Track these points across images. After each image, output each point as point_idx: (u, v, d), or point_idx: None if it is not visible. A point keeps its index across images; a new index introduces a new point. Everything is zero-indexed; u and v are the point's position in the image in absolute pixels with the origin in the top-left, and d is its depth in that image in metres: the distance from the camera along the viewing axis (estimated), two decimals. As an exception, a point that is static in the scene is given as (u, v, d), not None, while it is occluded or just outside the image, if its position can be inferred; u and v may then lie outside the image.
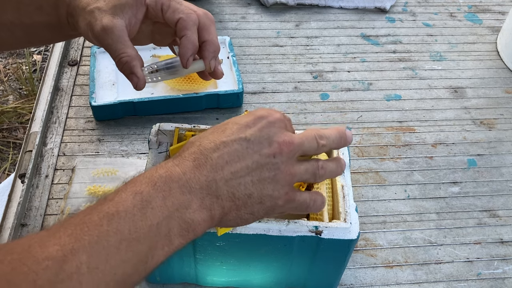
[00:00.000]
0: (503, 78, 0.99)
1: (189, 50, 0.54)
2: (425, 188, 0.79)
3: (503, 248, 0.72)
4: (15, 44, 0.63)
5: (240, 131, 0.44)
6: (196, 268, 0.61)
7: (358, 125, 0.88)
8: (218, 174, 0.43)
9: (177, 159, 0.43)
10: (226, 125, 0.45)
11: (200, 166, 0.43)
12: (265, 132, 0.45)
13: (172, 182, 0.41)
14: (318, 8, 1.12)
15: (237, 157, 0.43)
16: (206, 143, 0.44)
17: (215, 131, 0.45)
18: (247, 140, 0.44)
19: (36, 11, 0.56)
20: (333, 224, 0.55)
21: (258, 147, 0.44)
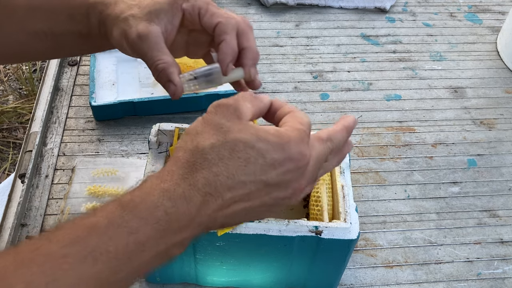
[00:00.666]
0: (503, 78, 0.99)
1: (228, 56, 0.50)
2: (425, 188, 0.79)
3: (503, 248, 0.72)
4: (45, 54, 0.61)
5: (263, 171, 0.39)
6: (196, 268, 0.61)
7: (358, 125, 0.88)
8: (222, 212, 0.39)
9: (188, 187, 0.38)
10: (250, 152, 0.39)
11: (209, 203, 0.38)
12: (288, 177, 0.40)
13: (174, 222, 0.37)
14: (318, 8, 1.12)
15: (247, 198, 0.40)
16: (224, 176, 0.38)
17: (236, 155, 0.39)
18: (266, 183, 0.40)
19: (67, 20, 0.54)
20: (333, 224, 0.55)
21: (273, 190, 0.40)
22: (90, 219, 0.36)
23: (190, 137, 0.41)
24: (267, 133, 0.40)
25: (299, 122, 0.42)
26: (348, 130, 0.47)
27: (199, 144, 0.40)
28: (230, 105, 0.41)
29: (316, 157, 0.42)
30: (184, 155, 0.40)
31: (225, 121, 0.40)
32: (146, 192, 0.38)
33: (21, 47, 0.57)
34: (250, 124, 0.41)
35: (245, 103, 0.42)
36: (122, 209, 0.37)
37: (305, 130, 0.41)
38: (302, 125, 0.42)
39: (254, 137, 0.39)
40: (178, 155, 0.40)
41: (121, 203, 0.37)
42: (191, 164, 0.39)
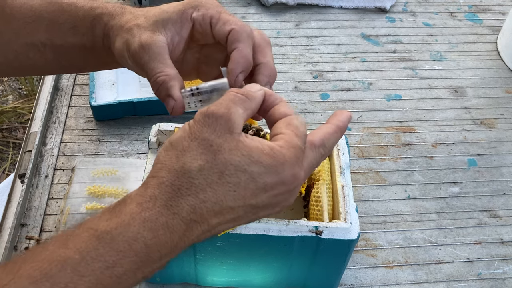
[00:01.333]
0: (503, 78, 0.99)
1: (239, 65, 0.45)
2: (425, 188, 0.79)
3: (504, 248, 0.72)
4: (47, 68, 0.57)
5: (253, 196, 0.37)
6: (196, 268, 0.61)
7: (358, 125, 0.88)
8: (206, 235, 0.38)
9: (171, 216, 0.36)
10: (241, 176, 0.36)
11: (193, 230, 0.36)
12: (278, 199, 0.38)
13: (154, 253, 0.35)
14: (318, 8, 1.12)
15: (234, 220, 0.38)
16: (211, 203, 0.36)
17: (225, 180, 0.36)
18: (255, 206, 0.37)
19: (69, 31, 0.50)
20: (333, 224, 0.55)
21: (261, 210, 0.38)
22: (62, 251, 0.34)
23: (175, 153, 0.37)
24: (261, 154, 0.37)
25: (295, 135, 0.39)
26: (342, 130, 0.43)
27: (186, 165, 0.36)
28: (221, 116, 0.37)
29: (308, 167, 0.40)
30: (168, 176, 0.36)
31: (215, 137, 0.37)
32: (126, 222, 0.35)
33: (18, 58, 0.53)
34: (243, 141, 0.37)
35: (237, 109, 0.38)
36: (98, 241, 0.34)
37: (301, 145, 0.39)
38: (298, 139, 0.39)
39: (246, 159, 0.36)
40: (161, 176, 0.36)
41: (97, 234, 0.35)
42: (176, 188, 0.36)
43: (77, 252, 0.34)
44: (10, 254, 0.66)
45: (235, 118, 0.38)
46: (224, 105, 0.38)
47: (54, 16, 0.51)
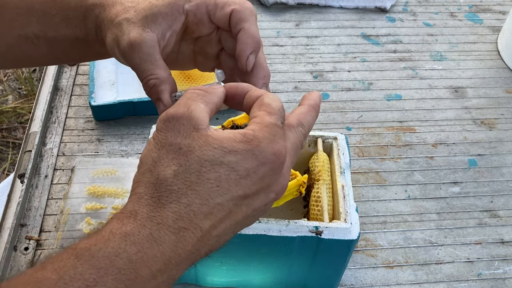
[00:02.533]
0: (503, 78, 0.99)
1: (248, 46, 0.43)
2: (426, 188, 0.79)
3: (504, 248, 0.72)
4: (41, 59, 0.55)
5: (238, 186, 0.35)
6: (196, 268, 0.61)
7: (358, 125, 0.88)
8: (204, 242, 0.35)
9: (156, 226, 0.33)
10: (219, 170, 0.34)
11: (185, 238, 0.34)
12: (266, 182, 0.36)
13: (143, 269, 0.33)
14: (318, 8, 1.11)
15: (228, 217, 0.36)
16: (197, 205, 0.34)
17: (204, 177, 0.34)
18: (245, 196, 0.36)
19: (62, 23, 0.49)
20: (333, 225, 0.54)
21: (254, 200, 0.36)
22: (40, 272, 0.32)
23: (147, 168, 0.35)
24: (233, 142, 0.35)
25: (267, 113, 0.37)
26: (316, 108, 0.43)
27: (160, 175, 0.34)
28: (181, 116, 0.36)
29: (292, 148, 0.38)
30: (146, 190, 0.35)
31: (182, 138, 0.35)
32: (105, 238, 0.33)
33: (12, 50, 0.51)
34: (212, 135, 0.35)
35: (198, 105, 0.37)
36: (77, 259, 0.32)
37: (276, 122, 0.37)
38: (271, 116, 0.37)
39: (219, 151, 0.34)
40: (139, 192, 0.35)
41: (76, 252, 0.32)
42: (156, 200, 0.34)
43: (54, 272, 0.31)
44: (10, 254, 0.66)
45: (197, 114, 0.36)
46: (182, 105, 0.37)
47: (46, 8, 0.49)
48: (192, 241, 0.34)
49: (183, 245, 0.34)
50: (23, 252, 0.67)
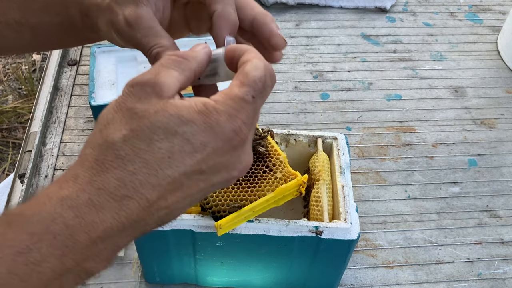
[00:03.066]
0: (503, 78, 0.99)
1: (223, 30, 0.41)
2: (426, 188, 0.79)
3: (504, 248, 0.72)
4: (25, 46, 0.53)
5: (194, 160, 0.32)
6: (196, 269, 0.61)
7: (359, 125, 0.88)
8: (152, 212, 0.33)
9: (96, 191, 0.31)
10: (173, 140, 0.32)
11: (130, 207, 0.32)
12: (225, 159, 0.34)
13: (81, 234, 0.30)
14: (318, 8, 1.11)
15: (181, 190, 0.33)
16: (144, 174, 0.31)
17: (156, 146, 0.32)
18: (200, 171, 0.33)
19: (43, 10, 0.46)
20: (333, 225, 0.54)
21: (211, 176, 0.34)
22: None
23: (99, 128, 0.33)
24: (192, 112, 0.32)
25: (239, 84, 0.34)
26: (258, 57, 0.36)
27: (109, 137, 0.32)
28: (146, 82, 0.33)
29: (248, 122, 0.34)
30: (91, 152, 0.32)
31: (139, 104, 0.32)
32: (41, 202, 0.31)
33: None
34: (171, 102, 0.33)
35: (169, 72, 0.34)
36: (8, 225, 0.30)
37: (243, 96, 0.33)
38: (242, 88, 0.34)
39: (175, 119, 0.32)
40: (85, 153, 0.33)
41: (8, 218, 0.31)
42: (100, 163, 0.32)
43: None
44: (9, 254, 0.66)
45: (165, 81, 0.33)
46: (152, 71, 0.34)
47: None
48: (137, 211, 0.32)
49: (126, 214, 0.31)
50: None
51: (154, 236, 0.55)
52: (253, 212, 0.52)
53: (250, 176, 0.54)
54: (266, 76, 0.35)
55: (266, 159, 0.55)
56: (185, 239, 0.55)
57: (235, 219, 0.51)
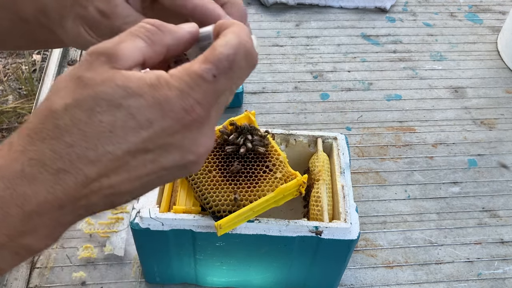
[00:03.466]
0: (503, 78, 0.99)
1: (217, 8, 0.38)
2: (426, 188, 0.79)
3: (504, 248, 0.72)
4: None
5: (138, 137, 0.29)
6: (196, 269, 0.61)
7: (358, 125, 0.88)
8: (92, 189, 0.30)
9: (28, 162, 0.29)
10: (116, 113, 0.29)
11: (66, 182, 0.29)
12: (176, 139, 0.30)
13: (12, 208, 0.29)
14: (318, 8, 1.12)
15: (125, 170, 0.30)
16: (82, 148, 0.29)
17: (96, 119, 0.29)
18: (146, 150, 0.30)
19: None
20: (333, 224, 0.55)
21: (160, 156, 0.31)
22: None
23: (48, 96, 0.31)
24: (142, 84, 0.29)
25: (203, 59, 0.30)
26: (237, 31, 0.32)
27: (52, 105, 0.29)
28: (103, 51, 0.30)
29: (204, 102, 0.30)
30: (33, 120, 0.30)
31: (89, 72, 0.30)
32: None
33: None
34: (122, 72, 0.30)
35: (135, 41, 0.31)
36: None
37: (203, 73, 0.30)
38: (204, 64, 0.30)
39: (121, 91, 0.29)
40: (28, 120, 0.30)
41: None
42: (37, 131, 0.29)
43: None
44: (10, 254, 0.66)
45: (124, 50, 0.30)
46: (116, 38, 0.31)
47: None
48: (74, 186, 0.29)
49: (62, 188, 0.29)
50: None
51: (154, 236, 0.55)
52: (253, 212, 0.52)
53: (250, 176, 0.54)
54: (238, 55, 0.31)
55: (266, 159, 0.55)
56: (185, 239, 0.55)
57: (235, 219, 0.51)
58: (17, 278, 0.64)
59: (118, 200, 0.32)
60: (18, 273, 0.65)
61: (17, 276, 0.65)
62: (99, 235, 0.69)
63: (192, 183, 0.55)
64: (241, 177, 0.54)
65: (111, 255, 0.67)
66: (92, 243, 0.68)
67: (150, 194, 0.56)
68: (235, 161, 0.55)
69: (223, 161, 0.55)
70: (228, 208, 0.52)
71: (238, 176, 0.54)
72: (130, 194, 0.32)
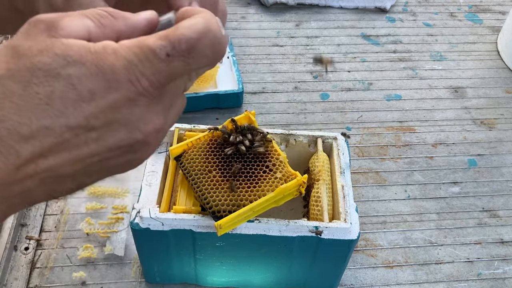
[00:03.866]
0: (503, 78, 0.99)
1: None
2: (426, 188, 0.79)
3: (504, 248, 0.72)
4: None
5: (78, 110, 0.26)
6: (196, 269, 0.61)
7: (358, 125, 0.88)
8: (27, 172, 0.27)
9: None
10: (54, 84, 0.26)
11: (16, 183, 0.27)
12: (122, 114, 0.28)
13: None
14: (318, 8, 1.12)
15: (64, 148, 0.27)
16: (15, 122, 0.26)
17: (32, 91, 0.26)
18: (91, 128, 0.27)
19: None
20: (333, 224, 0.55)
21: (105, 134, 0.28)
22: None
23: None
24: (84, 51, 0.27)
25: (162, 36, 0.28)
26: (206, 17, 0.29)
27: None
28: (44, 19, 0.28)
29: (154, 80, 0.28)
30: None
31: (26, 41, 0.27)
32: None
33: None
34: (62, 40, 0.27)
35: (83, 19, 0.28)
36: None
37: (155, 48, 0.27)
38: (159, 41, 0.28)
39: (60, 60, 0.26)
40: None
41: None
42: None
43: None
44: (10, 254, 0.66)
45: (67, 22, 0.28)
46: (64, 13, 0.29)
47: None
48: (5, 168, 0.26)
49: None
50: (23, 252, 0.67)
51: (154, 236, 0.55)
52: (253, 212, 0.52)
53: (250, 176, 0.54)
54: (202, 41, 0.28)
55: (266, 159, 0.55)
56: (185, 239, 0.55)
57: (235, 219, 0.51)
58: (17, 278, 0.65)
59: (59, 188, 0.29)
60: (18, 273, 0.65)
61: (17, 276, 0.65)
62: (99, 235, 0.69)
63: (192, 183, 0.55)
64: (241, 177, 0.54)
65: (111, 255, 0.67)
66: (92, 243, 0.68)
67: (150, 194, 0.56)
68: (235, 161, 0.55)
69: (223, 161, 0.55)
70: (228, 208, 0.52)
71: (238, 176, 0.54)
72: (72, 180, 0.29)
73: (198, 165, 0.55)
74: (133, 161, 0.30)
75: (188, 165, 0.56)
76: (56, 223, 0.71)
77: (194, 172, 0.55)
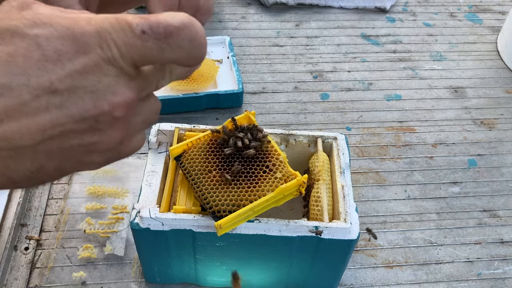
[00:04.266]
0: (503, 78, 0.99)
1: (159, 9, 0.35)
2: (425, 188, 0.79)
3: (504, 248, 0.72)
4: None
5: (41, 70, 0.25)
6: (196, 268, 0.61)
7: (358, 125, 0.88)
8: None
9: None
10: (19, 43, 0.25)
11: None
12: (90, 81, 0.26)
13: None
14: (318, 8, 1.12)
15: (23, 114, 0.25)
16: None
17: None
18: (54, 91, 0.25)
19: None
20: (333, 224, 0.55)
21: (67, 100, 0.25)
22: None
23: None
24: (55, 15, 0.26)
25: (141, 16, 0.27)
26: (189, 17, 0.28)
27: None
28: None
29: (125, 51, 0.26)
30: None
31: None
32: None
33: None
34: (34, 6, 0.26)
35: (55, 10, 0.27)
36: None
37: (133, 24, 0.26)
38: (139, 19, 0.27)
39: (29, 22, 0.25)
40: None
41: None
42: None
43: None
44: (10, 254, 0.66)
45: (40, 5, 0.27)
46: None
47: None
48: None
49: None
50: (24, 252, 0.67)
51: (154, 236, 0.55)
52: (253, 212, 0.52)
53: (250, 176, 0.54)
54: (182, 32, 0.27)
55: (266, 159, 0.55)
56: (185, 239, 0.55)
57: (235, 219, 0.51)
58: (17, 278, 0.65)
59: (15, 166, 0.26)
60: (18, 273, 0.65)
61: (17, 276, 0.65)
62: (99, 235, 0.69)
63: (192, 183, 0.55)
64: (241, 177, 0.54)
65: (111, 255, 0.67)
66: (92, 243, 0.68)
67: (150, 194, 0.56)
68: (235, 161, 0.55)
69: (223, 161, 0.55)
70: (228, 208, 0.52)
71: (238, 176, 0.54)
72: (32, 158, 0.26)
73: (198, 165, 0.55)
74: (99, 145, 0.27)
75: (188, 165, 0.56)
76: (56, 223, 0.71)
77: (194, 172, 0.55)
